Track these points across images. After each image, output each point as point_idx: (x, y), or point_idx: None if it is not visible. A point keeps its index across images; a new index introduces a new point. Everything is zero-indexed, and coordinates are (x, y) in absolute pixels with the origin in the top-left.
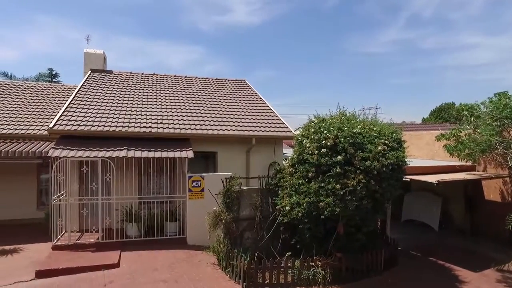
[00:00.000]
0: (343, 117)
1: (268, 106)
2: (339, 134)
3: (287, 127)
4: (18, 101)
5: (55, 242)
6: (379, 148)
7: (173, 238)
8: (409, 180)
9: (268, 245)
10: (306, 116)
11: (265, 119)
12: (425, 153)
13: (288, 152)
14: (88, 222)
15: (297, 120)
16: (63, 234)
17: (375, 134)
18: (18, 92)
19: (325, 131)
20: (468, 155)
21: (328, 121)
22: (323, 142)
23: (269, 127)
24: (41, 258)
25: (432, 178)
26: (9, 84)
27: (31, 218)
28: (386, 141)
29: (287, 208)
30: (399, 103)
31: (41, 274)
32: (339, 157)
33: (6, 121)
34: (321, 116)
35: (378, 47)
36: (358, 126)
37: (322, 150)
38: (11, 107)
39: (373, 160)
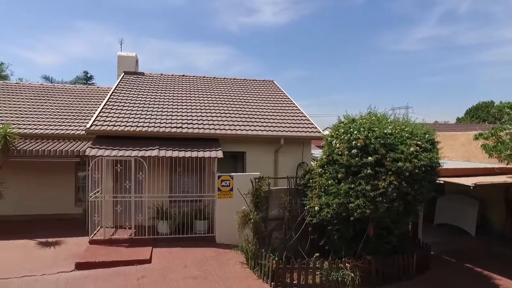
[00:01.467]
0: (373, 118)
1: (296, 106)
2: (369, 134)
3: (316, 128)
4: (58, 103)
5: (92, 237)
6: (412, 149)
7: (202, 236)
8: (442, 182)
9: (296, 245)
10: (335, 116)
11: (293, 119)
12: (460, 155)
13: (317, 152)
14: (121, 218)
15: (326, 120)
16: (98, 229)
17: (407, 134)
18: (58, 95)
19: (355, 132)
20: (509, 156)
21: (358, 122)
22: (353, 142)
23: (297, 127)
24: (80, 251)
25: (468, 181)
26: (51, 87)
27: (69, 213)
28: (419, 142)
29: (316, 208)
30: (431, 103)
31: (80, 266)
32: (369, 158)
33: (48, 121)
34: (350, 116)
35: (410, 44)
36: (389, 127)
37: (352, 151)
38: (52, 109)
39: (405, 161)
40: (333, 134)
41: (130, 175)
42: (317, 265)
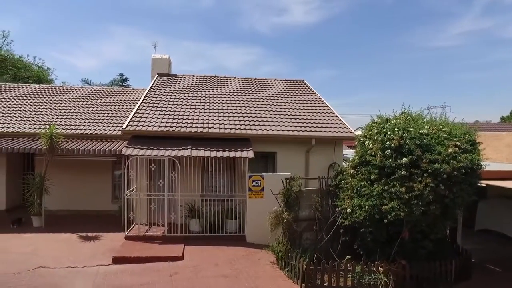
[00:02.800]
0: (408, 117)
1: (327, 106)
2: (404, 135)
3: (348, 128)
4: (97, 105)
5: (127, 233)
6: (450, 150)
7: (233, 235)
8: (485, 185)
9: (327, 247)
10: (367, 116)
11: (324, 119)
12: (505, 156)
13: (348, 153)
14: (155, 216)
15: (358, 120)
16: (133, 226)
17: (444, 135)
18: (97, 97)
19: (389, 132)
20: None
21: (392, 122)
22: (387, 143)
23: (328, 128)
24: (116, 246)
25: None
26: (90, 90)
27: (107, 210)
28: (458, 143)
29: (348, 210)
30: (471, 101)
31: (117, 260)
32: (404, 159)
33: (88, 122)
34: (384, 116)
35: (447, 40)
36: (426, 127)
37: (386, 151)
38: (91, 110)
39: (442, 163)
40: (365, 134)
41: (163, 174)
42: (348, 268)
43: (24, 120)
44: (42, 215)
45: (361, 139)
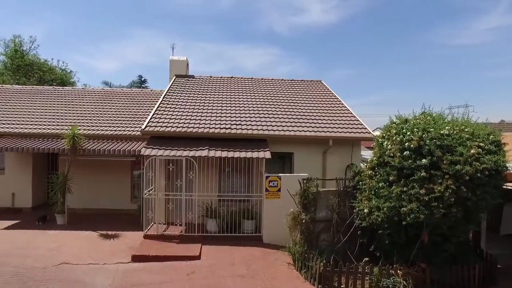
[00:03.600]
0: (428, 118)
1: (345, 106)
2: (424, 135)
3: (366, 128)
4: (116, 106)
5: (146, 232)
6: (472, 151)
7: (249, 236)
8: (511, 188)
9: (344, 248)
10: (385, 116)
11: (342, 119)
12: None
13: (366, 154)
14: (173, 215)
15: (376, 121)
16: (152, 225)
17: (467, 135)
18: (117, 98)
19: (408, 133)
20: None
21: (412, 122)
22: (406, 144)
23: (346, 128)
24: (135, 244)
25: None
26: (110, 91)
27: (126, 209)
28: (481, 144)
29: (366, 211)
30: (496, 100)
31: (136, 259)
32: (424, 160)
33: (108, 123)
34: (403, 116)
35: (472, 37)
36: (447, 127)
37: (405, 152)
38: (111, 111)
39: (464, 164)
40: (384, 135)
41: (181, 174)
42: (366, 270)
43: (49, 121)
44: (65, 213)
45: (379, 139)
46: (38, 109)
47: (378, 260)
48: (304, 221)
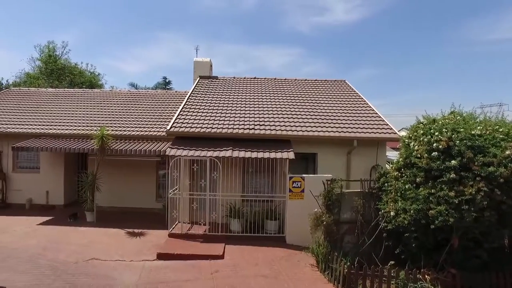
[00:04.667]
0: (458, 117)
1: (370, 106)
2: (453, 136)
3: (391, 128)
4: (142, 107)
5: (171, 231)
6: (508, 152)
7: (272, 236)
8: None
9: (369, 251)
10: (412, 116)
11: (367, 120)
12: None
13: (392, 155)
14: (197, 215)
15: (402, 121)
16: (176, 224)
17: (501, 136)
18: (142, 99)
19: (436, 133)
20: None
21: (440, 122)
22: (434, 145)
23: (371, 129)
24: (160, 243)
25: None
26: (136, 93)
27: (151, 208)
28: None
29: (391, 213)
30: None
31: (161, 256)
32: (453, 161)
33: (134, 124)
34: (430, 116)
35: (508, 32)
36: (478, 127)
37: (433, 153)
38: (137, 112)
39: (498, 166)
40: (410, 135)
41: (205, 174)
42: (392, 274)
43: (79, 123)
44: (94, 211)
45: (406, 140)
46: (70, 110)
47: (404, 263)
48: (326, 222)
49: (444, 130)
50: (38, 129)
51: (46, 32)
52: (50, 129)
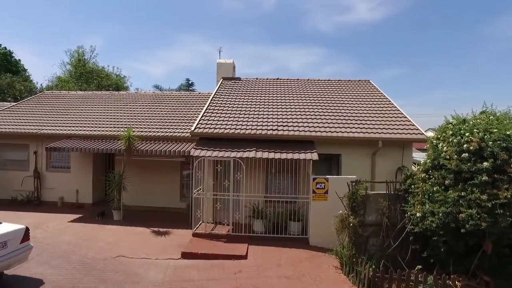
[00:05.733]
0: (490, 117)
1: (395, 106)
2: (485, 136)
3: (418, 129)
4: (167, 108)
5: (194, 230)
6: None
7: (296, 237)
8: None
9: (395, 254)
10: (439, 116)
11: (392, 120)
12: None
13: (418, 156)
14: (220, 215)
15: (429, 121)
16: (200, 223)
17: None
18: (167, 101)
19: (466, 134)
20: None
21: (471, 122)
22: (465, 146)
23: (396, 129)
24: (184, 242)
25: None
26: (160, 95)
27: (175, 207)
28: None
29: (418, 215)
30: None
31: (185, 255)
32: (485, 163)
33: (159, 125)
34: (460, 116)
35: None
36: None
37: (463, 155)
38: (162, 114)
39: None
40: (439, 136)
41: (229, 174)
42: (420, 279)
43: (106, 124)
44: (121, 210)
45: (434, 141)
46: (98, 112)
47: (433, 268)
48: (351, 224)
49: (475, 130)
50: (68, 130)
51: (76, 36)
52: (80, 130)
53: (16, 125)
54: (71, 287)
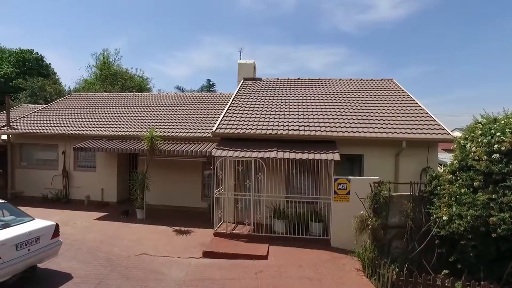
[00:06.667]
0: None
1: (420, 106)
2: None
3: (444, 129)
4: (189, 109)
5: (216, 230)
6: None
7: (317, 238)
8: None
9: (420, 258)
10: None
11: (416, 120)
12: None
13: (444, 157)
14: (241, 215)
15: (456, 120)
16: (221, 223)
17: None
18: (188, 102)
19: (497, 133)
20: None
21: (503, 122)
22: (495, 146)
23: (421, 129)
24: (206, 241)
25: None
26: (182, 96)
27: (197, 207)
28: None
29: (444, 218)
30: None
31: (206, 254)
32: None
33: (181, 125)
34: (490, 115)
35: None
36: None
37: (494, 155)
38: (184, 114)
39: None
40: (467, 136)
41: (250, 174)
42: (446, 284)
43: (130, 124)
44: (144, 209)
45: (461, 141)
46: (122, 113)
47: (460, 273)
48: (371, 226)
49: (507, 130)
50: (94, 131)
51: (102, 40)
52: (105, 131)
53: (46, 126)
54: (97, 282)
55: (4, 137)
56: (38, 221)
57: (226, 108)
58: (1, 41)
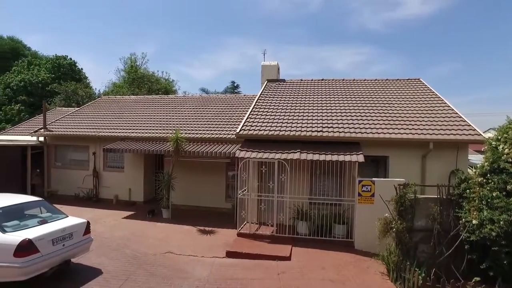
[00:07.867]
0: None
1: (448, 106)
2: None
3: (474, 129)
4: (213, 111)
5: (239, 230)
6: None
7: (340, 241)
8: None
9: (448, 263)
10: (501, 115)
11: (445, 120)
12: None
13: (475, 158)
14: (264, 216)
15: (488, 121)
16: (245, 224)
17: None
18: (213, 103)
19: None
20: None
21: None
22: None
23: (450, 130)
24: (229, 241)
25: None
26: (206, 98)
27: (220, 207)
28: None
29: (474, 223)
30: None
31: (230, 254)
32: None
33: (205, 127)
34: None
35: None
36: None
37: None
38: (208, 116)
39: None
40: (499, 137)
41: (273, 176)
42: None
43: (156, 126)
44: (169, 208)
45: (493, 142)
46: (148, 115)
47: (493, 281)
48: (395, 229)
49: None
50: (122, 132)
51: (129, 44)
52: (133, 132)
53: (78, 128)
54: (125, 278)
55: (41, 138)
56: (71, 219)
57: (249, 110)
58: (39, 49)
